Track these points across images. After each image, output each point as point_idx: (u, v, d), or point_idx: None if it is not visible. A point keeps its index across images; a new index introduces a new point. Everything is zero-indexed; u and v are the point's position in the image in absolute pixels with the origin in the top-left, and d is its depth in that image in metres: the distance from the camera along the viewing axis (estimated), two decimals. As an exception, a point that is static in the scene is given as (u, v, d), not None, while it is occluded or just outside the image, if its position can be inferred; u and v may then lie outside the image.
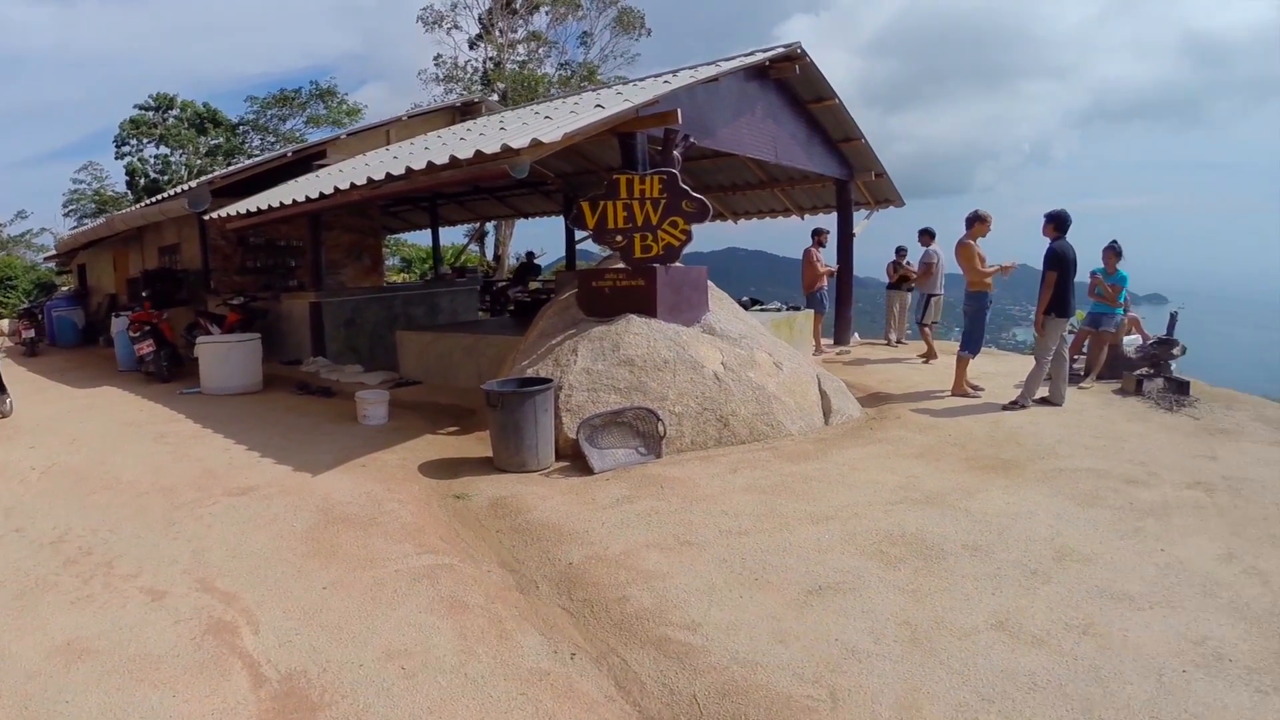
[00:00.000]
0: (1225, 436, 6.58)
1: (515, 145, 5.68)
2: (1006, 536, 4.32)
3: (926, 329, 11.13)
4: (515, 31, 27.76)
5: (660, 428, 5.99)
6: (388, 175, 6.92)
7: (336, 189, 7.69)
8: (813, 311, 11.56)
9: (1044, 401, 7.66)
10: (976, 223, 8.18)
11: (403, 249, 29.70)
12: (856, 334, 13.23)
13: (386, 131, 13.56)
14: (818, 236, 11.75)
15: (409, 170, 6.69)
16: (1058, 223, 7.47)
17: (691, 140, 7.71)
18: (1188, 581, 3.77)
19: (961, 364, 8.21)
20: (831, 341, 12.50)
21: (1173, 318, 9.23)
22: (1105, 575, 3.84)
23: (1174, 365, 8.56)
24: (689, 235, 7.01)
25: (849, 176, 12.49)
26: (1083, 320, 9.01)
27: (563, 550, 4.26)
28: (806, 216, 14.66)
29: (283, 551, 4.30)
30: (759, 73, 9.61)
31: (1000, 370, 9.53)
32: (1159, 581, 3.78)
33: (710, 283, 7.82)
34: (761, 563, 4.01)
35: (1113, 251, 8.80)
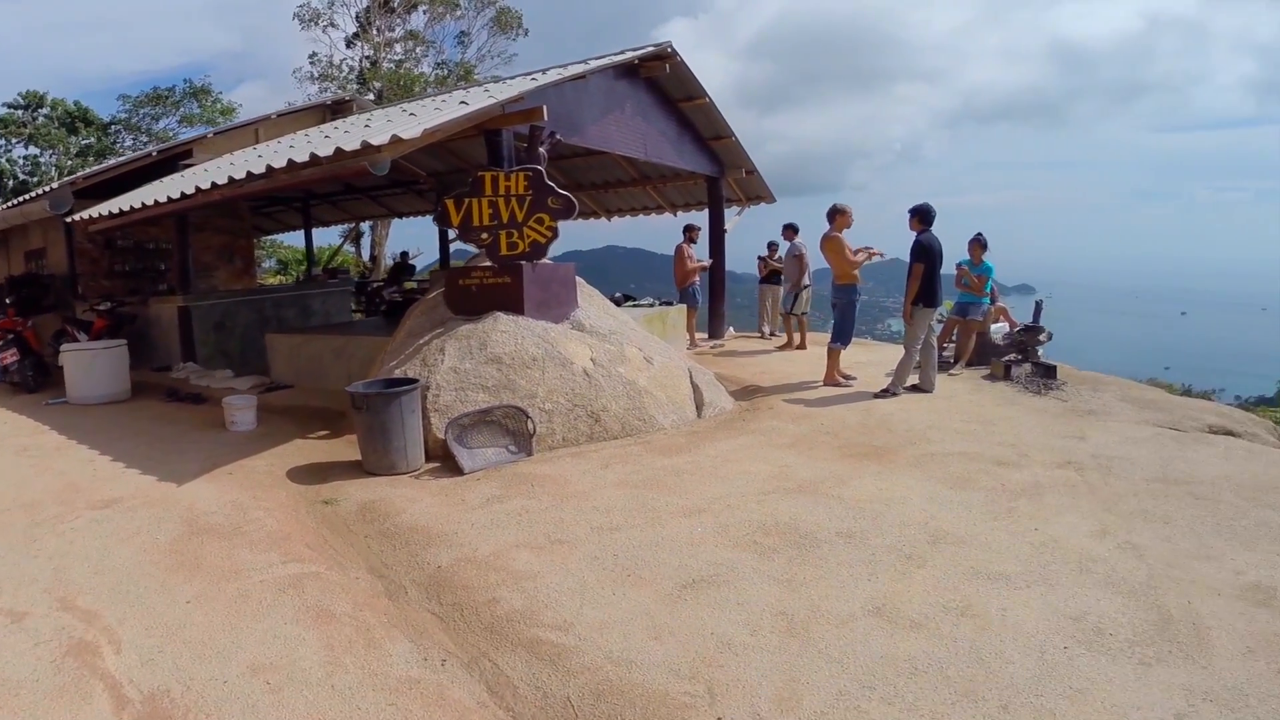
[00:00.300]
0: (1093, 417, 6.84)
1: (375, 142, 5.62)
2: (880, 522, 4.37)
3: (793, 318, 11.44)
4: (393, 30, 27.29)
5: (530, 425, 6.01)
6: (248, 174, 6.70)
7: (198, 189, 7.42)
8: (685, 306, 11.82)
9: (915, 389, 7.90)
10: (838, 216, 8.33)
11: (279, 250, 28.60)
12: (731, 328, 13.56)
13: (255, 130, 13.07)
14: (689, 233, 11.96)
15: (270, 169, 6.50)
16: (922, 216, 7.75)
17: (558, 137, 7.77)
18: (1063, 559, 3.83)
19: (833, 355, 8.38)
20: (706, 335, 12.76)
21: (1038, 306, 9.82)
22: (981, 556, 3.88)
23: (1041, 351, 8.97)
24: (555, 232, 7.02)
25: (720, 174, 12.78)
26: (951, 310, 9.40)
27: (432, 553, 4.20)
28: (680, 213, 14.92)
29: (146, 566, 4.14)
30: (629, 71, 9.74)
31: (872, 360, 9.77)
32: (1034, 560, 3.83)
33: (580, 279, 7.85)
34: (634, 558, 3.98)
35: (978, 244, 9.23)
